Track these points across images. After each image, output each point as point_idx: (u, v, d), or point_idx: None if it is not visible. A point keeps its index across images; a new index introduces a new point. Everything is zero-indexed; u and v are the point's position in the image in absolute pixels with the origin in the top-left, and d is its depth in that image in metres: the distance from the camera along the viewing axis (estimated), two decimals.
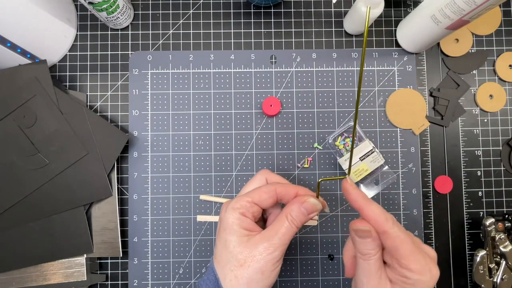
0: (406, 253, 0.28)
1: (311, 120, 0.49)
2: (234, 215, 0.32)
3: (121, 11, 0.45)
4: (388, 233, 0.28)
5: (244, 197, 0.33)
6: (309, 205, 0.33)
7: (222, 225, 0.33)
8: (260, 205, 0.34)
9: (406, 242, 0.28)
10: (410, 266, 0.28)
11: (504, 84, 0.50)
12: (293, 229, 0.32)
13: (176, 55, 0.49)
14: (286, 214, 0.32)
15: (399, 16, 0.50)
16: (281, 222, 0.32)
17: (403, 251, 0.28)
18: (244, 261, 0.31)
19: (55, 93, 0.44)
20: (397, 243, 0.28)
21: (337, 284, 0.47)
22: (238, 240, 0.31)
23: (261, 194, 0.33)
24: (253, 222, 0.33)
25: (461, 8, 0.37)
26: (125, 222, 0.48)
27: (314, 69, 0.49)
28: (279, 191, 0.34)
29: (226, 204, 0.34)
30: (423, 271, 0.28)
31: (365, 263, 0.30)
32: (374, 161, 0.46)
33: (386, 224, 0.28)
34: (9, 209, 0.43)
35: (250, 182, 0.37)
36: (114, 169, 0.46)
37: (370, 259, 0.30)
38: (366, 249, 0.30)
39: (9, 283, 0.44)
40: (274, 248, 0.31)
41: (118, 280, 0.47)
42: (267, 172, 0.37)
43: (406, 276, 0.28)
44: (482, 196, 0.49)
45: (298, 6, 0.50)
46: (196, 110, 0.49)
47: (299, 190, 0.34)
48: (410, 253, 0.28)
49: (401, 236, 0.28)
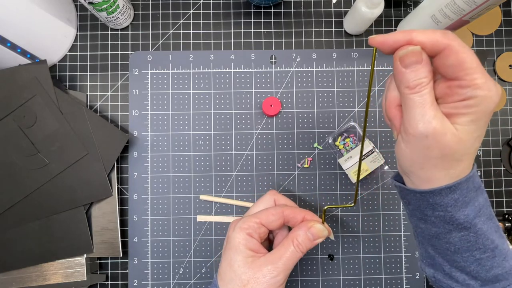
0: (473, 65, 0.24)
1: (311, 120, 0.49)
2: (241, 235, 0.33)
3: (121, 11, 0.45)
4: (451, 46, 0.24)
5: (252, 217, 0.34)
6: (315, 231, 0.33)
7: (228, 244, 0.34)
8: (267, 226, 0.34)
9: (472, 53, 0.24)
10: (476, 81, 0.24)
11: (504, 84, 0.50)
12: (298, 254, 0.32)
13: (176, 55, 0.49)
14: (292, 238, 0.33)
15: (399, 16, 0.50)
16: (286, 247, 0.32)
17: (469, 64, 0.23)
18: (247, 282, 0.31)
19: (55, 93, 0.44)
20: (464, 56, 0.23)
21: (337, 284, 0.47)
22: (243, 260, 0.32)
23: (268, 216, 0.34)
24: (259, 243, 0.34)
25: (461, 8, 0.37)
26: (125, 222, 0.48)
27: (314, 69, 0.49)
28: (286, 213, 0.34)
29: (234, 223, 0.35)
30: (490, 86, 0.24)
31: (417, 98, 0.25)
32: (374, 161, 0.46)
33: (446, 37, 0.24)
34: (9, 209, 0.43)
35: (258, 202, 0.37)
36: (114, 169, 0.46)
37: (423, 89, 0.25)
38: (417, 78, 0.25)
39: (9, 283, 0.44)
40: (277, 272, 0.31)
41: (118, 280, 0.47)
42: (275, 193, 0.38)
43: (470, 96, 0.24)
44: None
45: (298, 6, 0.50)
46: (196, 110, 0.49)
47: (306, 214, 0.35)
48: (476, 65, 0.24)
49: (466, 47, 0.24)
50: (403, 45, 0.25)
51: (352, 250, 0.48)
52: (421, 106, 0.25)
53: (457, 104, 0.25)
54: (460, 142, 0.25)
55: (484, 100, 0.24)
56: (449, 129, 0.25)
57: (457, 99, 0.25)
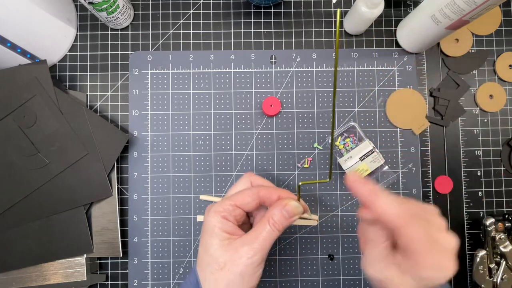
0: (419, 251, 0.27)
1: (311, 120, 0.49)
2: (215, 218, 0.32)
3: (121, 11, 0.45)
4: (399, 231, 0.27)
5: (226, 200, 0.33)
6: (290, 208, 0.32)
7: (204, 228, 0.33)
8: (243, 208, 0.33)
9: (418, 241, 0.27)
10: (421, 264, 0.27)
11: (504, 84, 0.50)
12: (274, 233, 0.32)
13: (176, 55, 0.49)
14: (268, 218, 0.32)
15: (399, 16, 0.50)
16: (262, 227, 0.32)
17: (415, 250, 0.27)
18: (224, 265, 0.30)
19: (55, 93, 0.44)
20: (408, 242, 0.27)
21: (337, 284, 0.47)
22: (219, 244, 0.31)
23: (244, 198, 0.33)
24: (235, 225, 0.33)
25: (461, 8, 0.37)
26: (125, 222, 0.48)
27: (314, 69, 0.49)
28: (262, 194, 0.34)
29: (210, 207, 0.34)
30: (436, 268, 0.27)
31: (372, 249, 0.30)
32: (374, 161, 0.46)
33: (398, 222, 0.27)
34: (9, 209, 0.43)
35: (235, 185, 0.37)
36: (114, 169, 0.46)
37: (377, 247, 0.29)
38: (373, 236, 0.29)
39: (9, 283, 0.44)
40: (254, 252, 0.30)
41: (118, 280, 0.47)
42: (251, 174, 0.37)
43: (417, 270, 0.27)
44: (482, 196, 0.49)
45: (298, 6, 0.50)
46: (196, 110, 0.49)
47: (282, 193, 0.34)
48: (423, 251, 0.27)
49: (414, 235, 0.27)
50: (366, 200, 0.29)
51: (352, 250, 0.48)
52: (374, 257, 0.30)
53: (408, 268, 0.28)
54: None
55: (428, 279, 0.27)
56: (395, 282, 0.28)
57: (409, 265, 0.28)
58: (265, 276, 0.47)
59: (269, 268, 0.47)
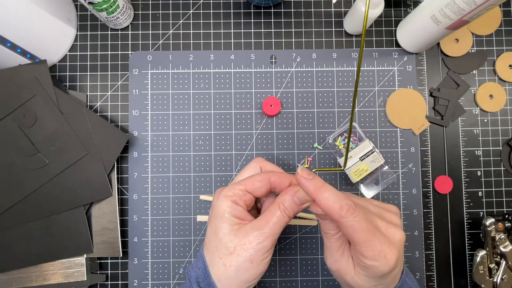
0: (360, 241, 0.28)
1: (311, 120, 0.49)
2: (226, 202, 0.32)
3: (121, 11, 0.45)
4: (340, 222, 0.28)
5: (237, 185, 0.33)
6: (302, 195, 0.32)
7: (213, 212, 0.33)
8: (253, 193, 0.33)
9: (359, 231, 0.28)
10: (363, 253, 0.28)
11: (504, 84, 0.50)
12: (284, 219, 0.31)
13: (176, 55, 0.49)
14: (279, 203, 0.32)
15: (399, 16, 0.50)
16: (273, 212, 0.31)
17: (356, 239, 0.28)
18: (233, 249, 0.30)
19: (55, 93, 0.44)
20: (350, 232, 0.28)
21: (337, 284, 0.47)
22: (228, 228, 0.31)
23: (254, 183, 0.33)
24: (245, 210, 0.33)
25: (461, 8, 0.37)
26: (125, 222, 0.48)
27: (314, 69, 0.49)
28: (272, 180, 0.33)
29: (219, 191, 0.33)
30: (377, 257, 0.28)
31: (327, 240, 0.32)
32: (374, 161, 0.46)
33: (339, 213, 0.28)
34: (9, 209, 0.43)
35: (244, 170, 0.36)
36: (114, 169, 0.46)
37: (331, 238, 0.32)
38: (326, 229, 0.32)
39: (9, 283, 0.44)
40: (264, 237, 0.30)
41: (118, 280, 0.47)
42: (261, 160, 0.36)
43: (361, 259, 0.29)
44: (482, 196, 0.49)
45: (298, 6, 0.50)
46: (196, 110, 0.49)
47: (293, 179, 0.34)
48: (363, 241, 0.28)
49: (355, 225, 0.28)
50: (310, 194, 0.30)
51: None
52: (329, 248, 0.32)
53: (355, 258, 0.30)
54: (357, 284, 0.30)
55: (371, 268, 0.29)
56: (349, 272, 0.31)
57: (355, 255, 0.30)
58: (265, 276, 0.47)
59: (269, 268, 0.47)
